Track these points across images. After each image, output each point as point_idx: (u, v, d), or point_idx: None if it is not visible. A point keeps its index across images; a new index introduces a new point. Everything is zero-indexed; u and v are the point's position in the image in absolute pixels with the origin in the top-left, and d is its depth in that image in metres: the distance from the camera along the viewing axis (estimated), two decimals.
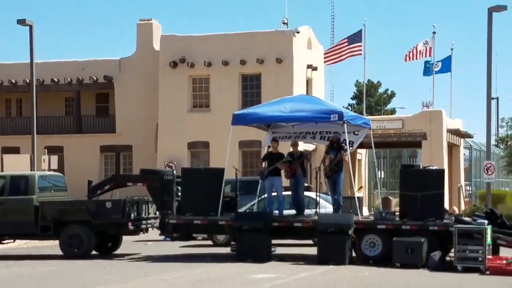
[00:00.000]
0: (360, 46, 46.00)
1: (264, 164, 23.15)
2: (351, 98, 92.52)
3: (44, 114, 47.68)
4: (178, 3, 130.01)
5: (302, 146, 25.44)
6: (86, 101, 48.83)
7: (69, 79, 47.69)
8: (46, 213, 23.39)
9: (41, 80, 46.69)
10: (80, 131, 48.40)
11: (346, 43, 45.83)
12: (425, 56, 47.97)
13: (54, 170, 33.17)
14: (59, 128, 48.82)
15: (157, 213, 24.35)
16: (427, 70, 49.26)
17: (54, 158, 37.43)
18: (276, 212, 22.92)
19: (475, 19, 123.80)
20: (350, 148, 24.13)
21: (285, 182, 23.74)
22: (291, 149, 23.14)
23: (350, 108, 74.91)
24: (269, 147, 23.73)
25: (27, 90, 42.58)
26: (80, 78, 47.52)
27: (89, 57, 50.25)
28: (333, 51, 46.49)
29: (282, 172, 22.95)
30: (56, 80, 47.90)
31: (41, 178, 24.65)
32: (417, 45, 47.89)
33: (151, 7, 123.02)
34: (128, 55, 47.95)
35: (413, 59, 48.05)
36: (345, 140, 22.66)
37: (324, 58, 46.62)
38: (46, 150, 39.63)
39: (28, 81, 40.98)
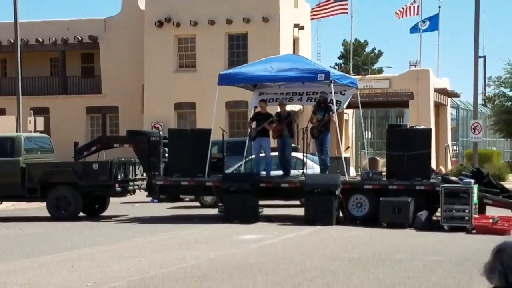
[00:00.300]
0: (347, 4, 45.83)
1: (252, 125, 23.07)
2: (338, 58, 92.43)
3: (29, 74, 47.39)
4: None
5: (289, 107, 25.29)
6: (71, 62, 48.52)
7: (54, 39, 47.31)
8: (32, 174, 23.29)
9: (25, 40, 46.31)
10: (65, 92, 48.15)
11: (333, 1, 45.63)
12: (413, 15, 47.83)
13: (40, 132, 33.01)
14: (44, 89, 48.54)
15: (144, 174, 24.29)
16: (415, 27, 49.10)
17: (40, 120, 37.22)
18: (264, 173, 22.90)
19: None
20: (338, 107, 24.09)
21: (273, 143, 23.70)
22: (279, 109, 23.07)
23: (337, 68, 74.69)
24: (256, 107, 23.64)
25: (11, 50, 42.18)
26: (65, 38, 47.15)
27: (74, 16, 49.88)
28: (319, 8, 46.29)
29: (270, 132, 22.91)
30: (41, 40, 47.52)
31: (27, 140, 24.52)
32: (406, 5, 47.72)
33: None
34: (113, 15, 47.60)
35: (403, 16, 47.88)
36: (332, 100, 22.60)
37: (311, 15, 46.43)
38: (31, 111, 39.41)
39: (12, 41, 40.65)
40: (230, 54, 43.51)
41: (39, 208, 25.31)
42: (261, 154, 23.05)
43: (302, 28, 45.48)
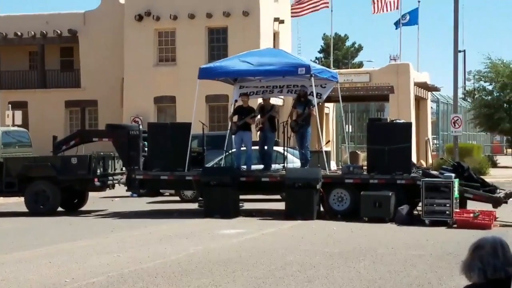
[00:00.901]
0: None
1: (234, 119, 22.96)
2: (318, 52, 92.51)
3: (8, 68, 47.04)
4: None
5: (272, 100, 25.17)
6: (50, 55, 48.15)
7: (32, 32, 46.90)
8: (10, 169, 23.09)
9: (4, 34, 45.98)
10: (44, 86, 47.78)
11: None
12: (392, 10, 47.81)
13: (18, 126, 32.71)
14: (23, 83, 48.17)
15: (124, 169, 24.12)
16: (398, 22, 49.11)
17: (18, 114, 36.89)
18: (244, 167, 22.79)
19: None
20: (318, 99, 24.01)
21: (255, 136, 23.60)
22: (262, 102, 23.01)
23: (317, 62, 74.69)
24: (237, 101, 23.51)
25: None
26: (44, 31, 46.78)
27: (53, 10, 49.55)
28: (299, 3, 46.20)
29: (253, 126, 22.81)
30: (19, 34, 47.10)
31: (5, 134, 24.30)
32: None
33: None
34: (92, 8, 47.29)
35: (381, 11, 47.81)
36: (312, 93, 22.51)
37: (291, 11, 46.34)
38: (10, 105, 39.07)
39: None
40: (210, 48, 43.34)
41: (17, 203, 25.10)
42: (242, 148, 22.93)
43: (282, 22, 45.37)
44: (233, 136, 23.05)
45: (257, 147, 23.24)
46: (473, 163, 37.00)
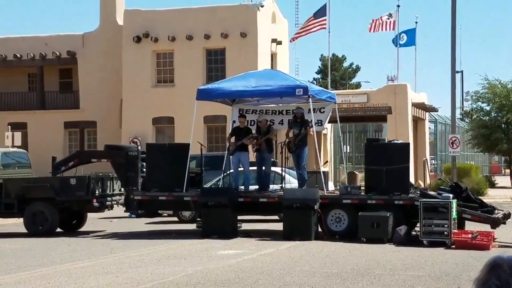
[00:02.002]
0: (325, 20, 45.93)
1: (231, 139, 23.01)
2: (316, 73, 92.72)
3: (7, 90, 47.19)
4: None
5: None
6: (49, 77, 48.32)
7: (32, 54, 47.13)
8: (9, 190, 23.12)
9: (3, 55, 46.16)
10: (43, 107, 47.92)
11: (313, 18, 45.77)
12: (389, 30, 47.97)
13: (18, 147, 32.82)
14: (22, 104, 48.31)
15: (122, 189, 24.15)
16: (397, 41, 49.22)
17: (18, 135, 37.03)
18: (242, 187, 22.83)
19: None
20: (319, 126, 24.10)
21: (252, 157, 23.66)
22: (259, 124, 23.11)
23: (315, 83, 74.82)
24: (234, 122, 23.58)
25: None
26: (43, 53, 46.99)
27: (52, 32, 49.69)
28: (301, 29, 46.46)
29: (250, 147, 22.87)
30: (18, 55, 47.32)
31: (4, 155, 24.39)
32: (381, 16, 47.85)
33: None
34: (91, 30, 47.49)
35: (377, 30, 47.96)
36: (310, 110, 22.59)
37: (293, 37, 46.65)
38: (9, 126, 39.19)
39: None
40: (208, 69, 43.50)
41: (16, 224, 25.09)
42: (239, 169, 22.98)
43: (280, 43, 45.57)
44: (230, 157, 23.11)
45: (255, 168, 23.30)
46: (472, 183, 37.03)
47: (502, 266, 4.38)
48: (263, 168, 22.96)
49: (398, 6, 47.98)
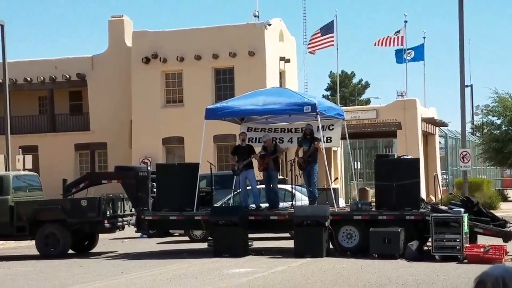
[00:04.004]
0: (332, 37, 46.04)
1: (234, 159, 23.04)
2: (325, 89, 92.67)
3: (18, 113, 47.39)
4: None
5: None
6: (59, 100, 48.53)
7: (42, 78, 47.36)
8: (21, 213, 23.19)
9: (14, 79, 46.38)
10: (54, 129, 48.10)
11: (319, 34, 45.89)
12: (397, 45, 47.99)
13: (29, 170, 32.90)
14: (33, 127, 48.50)
15: (133, 210, 24.18)
16: (400, 57, 49.23)
17: (29, 158, 37.16)
18: (253, 205, 22.84)
19: (446, 7, 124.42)
20: (330, 143, 24.12)
21: (258, 175, 23.67)
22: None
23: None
24: (243, 140, 23.60)
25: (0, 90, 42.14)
26: (53, 76, 47.20)
27: (62, 55, 49.94)
28: (312, 41, 46.60)
29: (255, 166, 22.89)
30: (29, 79, 47.56)
31: (15, 178, 24.44)
32: (389, 35, 47.90)
33: (122, 3, 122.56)
34: (100, 52, 47.71)
35: (384, 45, 47.94)
36: (318, 127, 22.62)
37: (308, 49, 46.80)
38: (20, 150, 39.33)
39: (1, 81, 40.58)
40: (217, 88, 43.61)
41: (29, 246, 25.14)
42: (247, 187, 23.00)
43: (288, 61, 45.65)
44: (238, 176, 23.11)
45: (263, 186, 23.30)
46: (484, 197, 36.93)
47: (486, 285, 4.39)
48: (271, 185, 22.97)
49: (406, 21, 48.04)
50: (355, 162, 48.96)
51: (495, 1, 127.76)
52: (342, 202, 27.36)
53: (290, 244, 21.67)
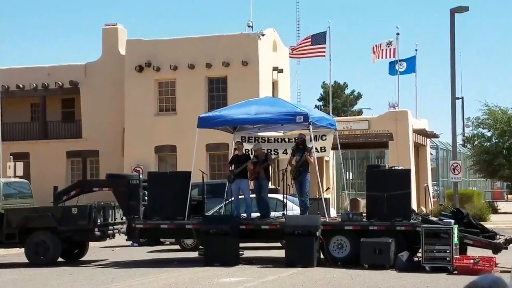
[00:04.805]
0: (324, 47, 46.18)
1: (231, 167, 23.06)
2: (318, 100, 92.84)
3: (10, 120, 47.32)
4: (143, 7, 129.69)
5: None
6: (52, 107, 48.48)
7: (34, 85, 47.31)
8: (11, 220, 23.12)
9: (6, 86, 46.36)
10: (46, 137, 48.03)
11: (310, 42, 46.05)
12: (389, 57, 48.16)
13: (20, 177, 32.85)
14: (24, 134, 48.41)
15: (124, 218, 24.15)
16: (392, 68, 49.42)
17: (20, 165, 37.12)
18: (244, 215, 22.84)
19: (438, 20, 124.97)
20: (323, 152, 24.15)
21: (251, 184, 23.69)
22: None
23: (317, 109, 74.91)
24: (235, 149, 23.64)
25: None
26: (46, 83, 47.15)
27: (55, 62, 49.90)
28: (298, 48, 46.73)
29: (248, 174, 22.91)
30: (21, 86, 47.50)
31: (6, 185, 24.41)
32: (380, 44, 48.07)
33: (116, 11, 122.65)
34: (93, 60, 47.71)
35: (380, 58, 48.19)
36: (310, 137, 22.67)
37: (290, 54, 46.89)
38: (11, 156, 39.27)
39: None
40: (210, 97, 43.64)
41: (18, 254, 25.08)
42: (240, 196, 23.01)
43: (281, 71, 45.74)
44: (231, 185, 23.12)
45: (253, 195, 23.32)
46: (474, 209, 37.02)
47: None
48: (262, 194, 22.98)
49: (398, 34, 48.25)
50: (347, 172, 48.91)
51: (486, 14, 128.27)
52: (333, 212, 27.42)
53: (281, 253, 21.68)
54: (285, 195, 23.23)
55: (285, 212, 22.79)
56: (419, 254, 19.85)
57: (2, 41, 37.71)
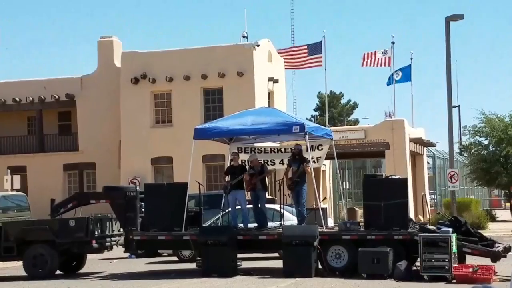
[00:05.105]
0: (320, 57, 46.28)
1: (227, 178, 23.05)
2: (314, 110, 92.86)
3: (6, 134, 47.32)
4: (138, 20, 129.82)
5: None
6: (48, 120, 48.43)
7: (31, 98, 47.27)
8: (8, 233, 23.09)
9: (2, 100, 46.38)
10: (42, 150, 47.98)
11: (306, 51, 46.11)
12: (384, 66, 48.20)
13: (17, 190, 32.83)
14: (21, 147, 48.36)
15: (121, 230, 24.13)
16: (390, 79, 49.46)
17: (17, 178, 37.08)
18: (241, 225, 22.83)
19: (433, 29, 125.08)
20: (315, 163, 24.15)
21: (246, 195, 23.67)
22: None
23: (313, 120, 75.06)
24: (231, 160, 23.63)
25: None
26: (42, 97, 47.12)
27: (51, 75, 49.89)
28: (292, 55, 46.81)
29: (245, 185, 22.89)
30: (18, 99, 47.45)
31: (3, 198, 24.41)
32: (375, 51, 48.10)
33: (111, 24, 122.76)
34: (89, 73, 47.72)
35: (371, 66, 48.19)
36: (307, 148, 22.68)
37: (285, 64, 47.01)
38: (8, 170, 39.23)
39: None
40: (205, 108, 43.66)
41: (16, 267, 25.04)
42: (237, 207, 23.00)
43: (276, 81, 45.75)
44: (227, 196, 23.11)
45: (251, 206, 23.30)
46: (472, 217, 36.98)
47: None
48: (259, 205, 22.97)
49: (393, 42, 48.31)
50: (344, 182, 49.05)
51: (482, 22, 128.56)
52: (330, 222, 27.41)
53: (279, 264, 21.66)
54: (282, 205, 23.20)
55: (282, 222, 22.78)
56: (417, 263, 19.84)
57: None
